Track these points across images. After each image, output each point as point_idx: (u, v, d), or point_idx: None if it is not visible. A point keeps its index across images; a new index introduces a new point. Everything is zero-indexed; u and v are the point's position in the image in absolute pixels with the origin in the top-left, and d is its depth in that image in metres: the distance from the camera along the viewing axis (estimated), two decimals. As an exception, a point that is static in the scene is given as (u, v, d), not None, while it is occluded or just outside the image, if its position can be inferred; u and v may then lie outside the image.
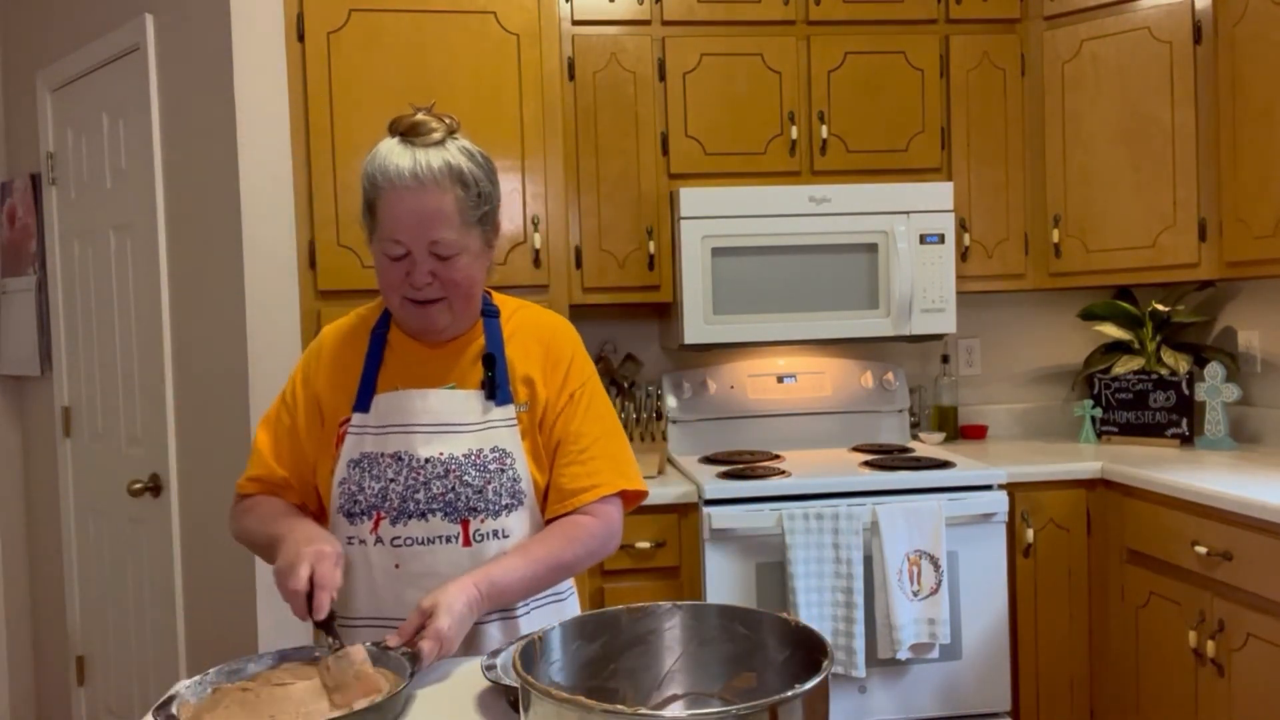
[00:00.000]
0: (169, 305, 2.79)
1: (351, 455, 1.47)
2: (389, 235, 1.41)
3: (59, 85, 3.18)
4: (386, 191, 1.40)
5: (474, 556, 1.44)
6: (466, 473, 1.45)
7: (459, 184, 1.41)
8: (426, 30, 2.60)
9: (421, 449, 1.46)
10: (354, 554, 1.47)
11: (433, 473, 1.45)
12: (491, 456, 1.47)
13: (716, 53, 2.97)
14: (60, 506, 3.28)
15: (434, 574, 1.43)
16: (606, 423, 1.56)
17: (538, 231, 2.65)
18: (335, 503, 1.48)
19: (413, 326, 1.49)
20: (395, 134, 1.44)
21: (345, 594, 1.46)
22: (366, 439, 1.47)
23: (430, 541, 1.44)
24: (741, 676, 1.06)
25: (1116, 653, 2.76)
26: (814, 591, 2.56)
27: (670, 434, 3.18)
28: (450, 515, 1.45)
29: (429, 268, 1.42)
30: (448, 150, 1.42)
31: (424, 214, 1.39)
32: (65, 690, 3.34)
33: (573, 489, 1.50)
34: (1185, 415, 3.05)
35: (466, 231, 1.43)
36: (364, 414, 1.48)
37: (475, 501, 1.45)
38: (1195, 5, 2.83)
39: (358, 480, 1.46)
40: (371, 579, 1.46)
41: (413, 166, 1.39)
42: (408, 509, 1.45)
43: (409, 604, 1.41)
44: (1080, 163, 3.02)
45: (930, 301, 2.95)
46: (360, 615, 1.47)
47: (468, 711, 1.21)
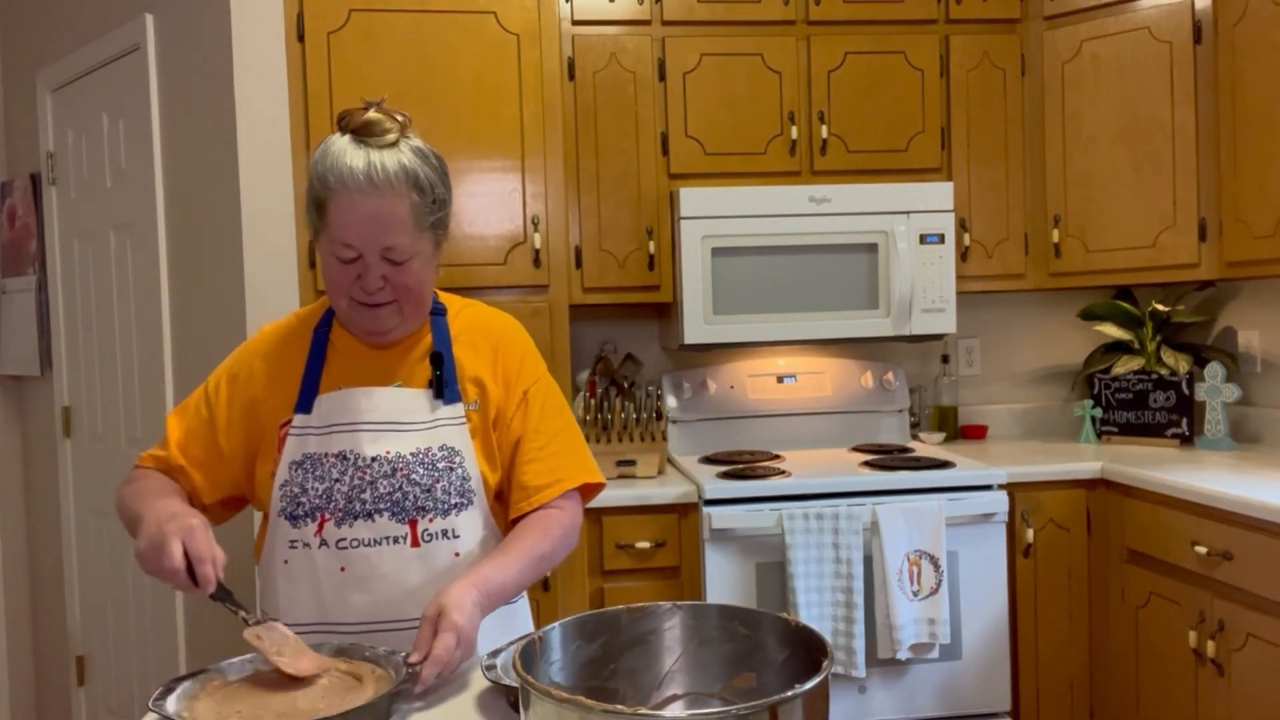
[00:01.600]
0: (169, 305, 2.79)
1: (293, 457, 1.43)
2: (340, 238, 1.36)
3: (59, 85, 3.18)
4: (339, 193, 1.35)
5: (422, 557, 1.42)
6: (414, 471, 1.42)
7: (414, 188, 1.38)
8: (426, 30, 2.60)
9: (367, 447, 1.42)
10: (298, 558, 1.43)
11: (379, 471, 1.42)
12: (440, 455, 1.44)
13: (716, 53, 2.97)
14: (60, 506, 3.28)
15: (380, 576, 1.41)
16: (562, 418, 1.55)
17: (538, 231, 2.65)
18: (276, 506, 1.44)
19: (361, 328, 1.46)
20: (346, 131, 1.39)
21: (289, 599, 1.44)
22: (309, 439, 1.44)
23: (377, 543, 1.41)
24: (741, 676, 1.06)
25: (1116, 653, 2.76)
26: (814, 591, 2.56)
27: (670, 434, 3.18)
28: (398, 515, 1.41)
29: (381, 272, 1.38)
30: (402, 152, 1.38)
31: (379, 219, 1.35)
32: (65, 690, 3.34)
33: (538, 485, 1.49)
34: (1185, 415, 3.05)
35: (420, 236, 1.39)
36: (306, 414, 1.44)
37: (423, 500, 1.42)
38: (1195, 5, 2.83)
39: (300, 482, 1.43)
40: (317, 583, 1.42)
41: (367, 169, 1.34)
42: (353, 509, 1.41)
43: (355, 608, 1.41)
44: (1080, 163, 3.02)
45: (930, 301, 2.95)
46: (306, 621, 1.43)
47: (468, 711, 1.21)
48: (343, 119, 1.40)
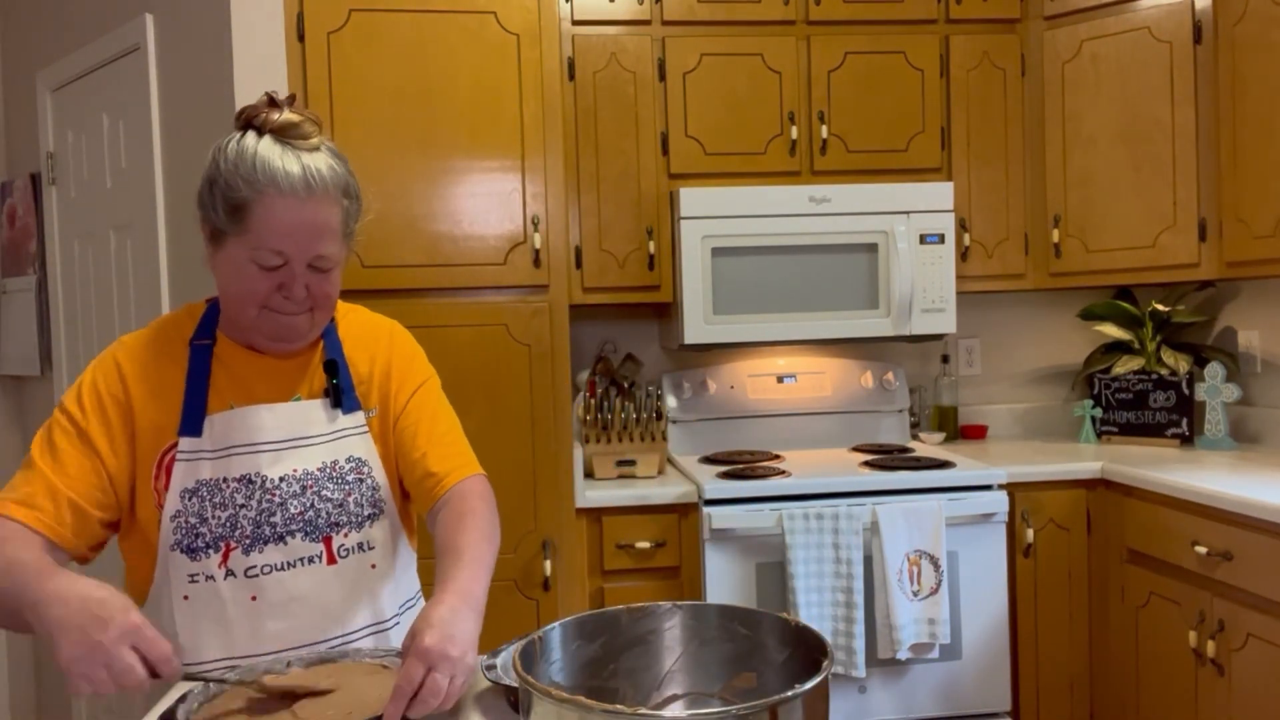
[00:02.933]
0: (169, 305, 2.79)
1: (185, 485, 1.32)
2: (269, 245, 1.26)
3: (59, 85, 3.18)
4: (270, 198, 1.25)
5: (339, 574, 1.37)
6: (325, 487, 1.37)
7: (344, 195, 1.32)
8: (426, 30, 2.60)
9: (271, 468, 1.34)
10: (199, 592, 1.33)
11: (289, 491, 1.35)
12: (348, 467, 1.39)
13: (716, 53, 2.97)
14: (60, 506, 3.28)
15: (297, 599, 1.35)
16: (452, 418, 1.50)
17: (538, 231, 2.65)
18: (168, 539, 1.32)
19: (271, 336, 1.35)
20: (262, 130, 1.30)
21: (192, 637, 1.33)
22: (203, 464, 1.33)
23: (291, 566, 1.35)
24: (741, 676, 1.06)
25: (1116, 653, 2.76)
26: (814, 591, 2.56)
27: (670, 434, 3.18)
28: (311, 534, 1.36)
29: (305, 281, 1.31)
30: (327, 156, 1.31)
31: (314, 227, 1.28)
32: (65, 690, 3.34)
33: (445, 469, 1.42)
34: (1185, 415, 3.05)
35: (344, 244, 1.34)
36: (195, 438, 1.33)
37: (336, 516, 1.37)
38: (1195, 5, 2.83)
39: (197, 511, 1.32)
40: (224, 616, 1.33)
41: (303, 174, 1.27)
42: (263, 534, 1.33)
43: (269, 636, 1.33)
44: (1080, 163, 3.02)
45: (930, 301, 2.95)
46: (211, 659, 1.33)
47: (468, 711, 1.21)
48: (254, 117, 1.31)
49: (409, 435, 1.44)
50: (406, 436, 1.44)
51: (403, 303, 2.56)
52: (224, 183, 1.28)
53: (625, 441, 2.86)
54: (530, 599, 2.55)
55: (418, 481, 1.43)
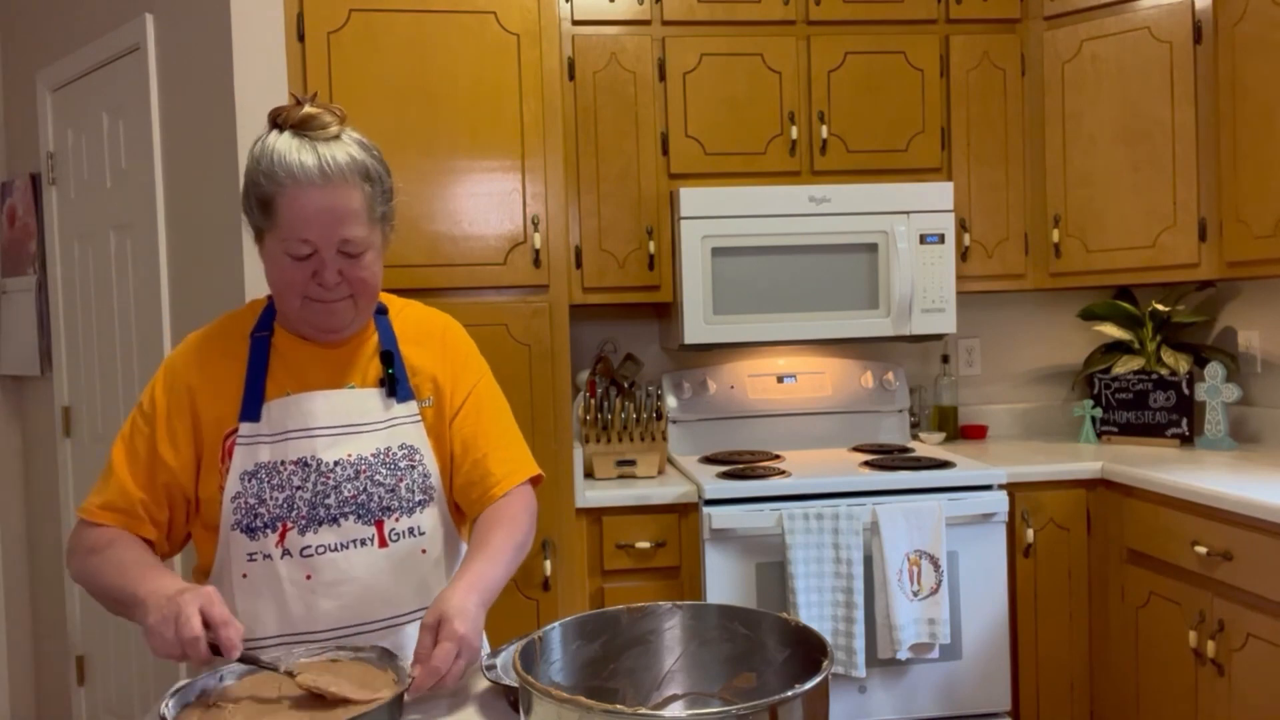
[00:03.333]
0: (169, 305, 2.79)
1: (245, 467, 1.39)
2: (296, 235, 1.34)
3: (59, 85, 3.18)
4: (290, 189, 1.32)
5: (390, 557, 1.42)
6: (377, 472, 1.42)
7: (365, 179, 1.37)
8: (426, 30, 2.60)
9: (327, 452, 1.41)
10: (257, 570, 1.39)
11: (343, 475, 1.40)
12: (400, 454, 1.44)
13: (716, 53, 2.97)
14: (60, 506, 3.28)
15: (350, 580, 1.39)
16: (508, 413, 1.57)
17: (538, 231, 2.65)
18: (229, 519, 1.39)
19: (316, 326, 1.42)
20: (283, 128, 1.36)
21: (250, 614, 1.39)
22: (261, 448, 1.40)
23: (344, 547, 1.40)
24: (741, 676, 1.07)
25: (1116, 653, 2.76)
26: (814, 591, 2.56)
27: (670, 434, 3.18)
28: (364, 517, 1.41)
29: (337, 267, 1.37)
30: (347, 144, 1.37)
31: (334, 212, 1.34)
32: (65, 690, 3.34)
33: (501, 474, 1.49)
34: (1185, 415, 3.05)
35: (373, 228, 1.39)
36: (254, 423, 1.41)
37: (389, 501, 1.42)
38: (1195, 5, 2.83)
39: (255, 492, 1.39)
40: (280, 594, 1.39)
41: (318, 163, 1.32)
42: (318, 515, 1.39)
43: (323, 615, 1.39)
44: (1080, 163, 3.02)
45: (930, 301, 2.95)
46: (269, 635, 1.39)
47: (468, 711, 1.21)
48: (277, 116, 1.37)
49: (468, 435, 1.50)
50: (465, 436, 1.50)
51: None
52: (252, 181, 1.36)
53: (625, 441, 2.86)
54: (530, 599, 2.55)
55: (475, 481, 1.49)
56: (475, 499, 1.49)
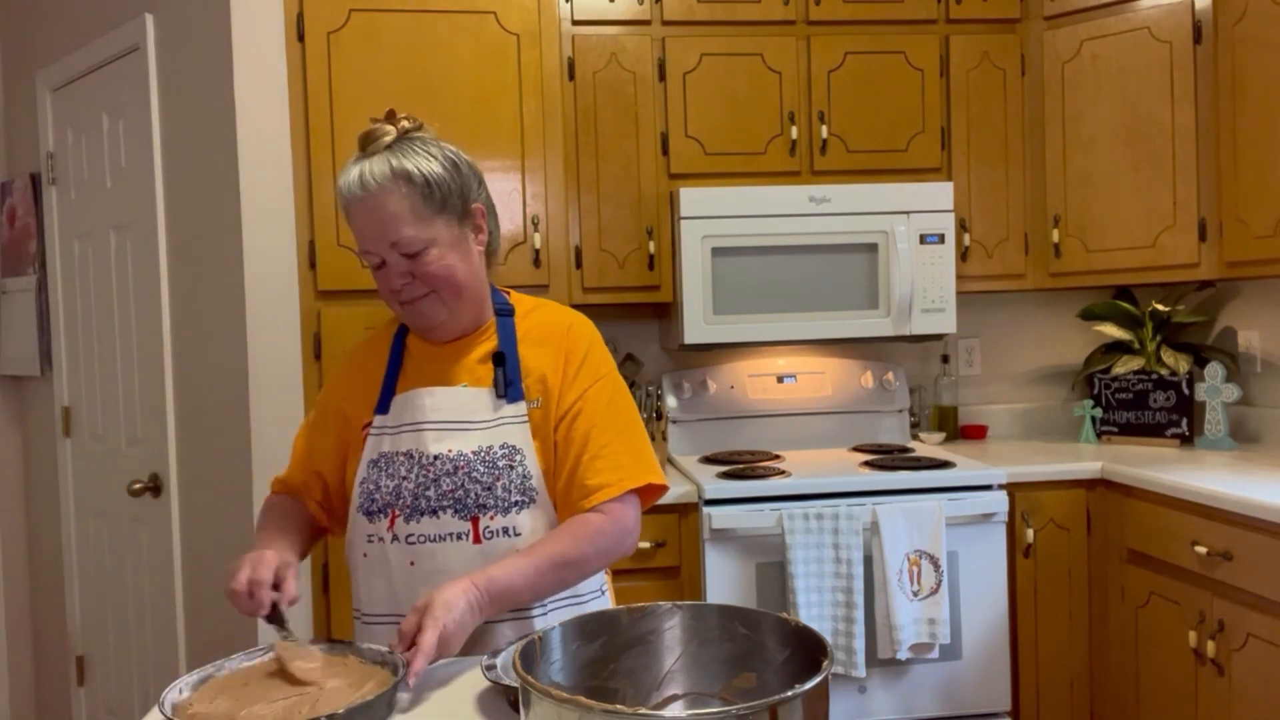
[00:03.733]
0: (169, 305, 2.79)
1: (371, 455, 1.51)
2: (360, 248, 1.46)
3: (59, 85, 3.18)
4: (348, 207, 1.44)
5: (484, 554, 1.44)
6: (475, 469, 1.46)
7: (404, 181, 1.42)
8: (426, 30, 2.60)
9: (432, 446, 1.47)
10: (374, 552, 1.49)
11: (442, 469, 1.46)
12: (501, 453, 1.47)
13: (716, 53, 2.97)
14: (60, 506, 3.28)
15: (446, 571, 1.43)
16: (626, 416, 1.53)
17: (538, 231, 2.65)
18: (356, 502, 1.51)
19: (414, 326, 1.52)
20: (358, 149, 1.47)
21: (367, 592, 1.51)
22: (384, 439, 1.51)
23: (441, 539, 1.45)
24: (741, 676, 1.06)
25: (1116, 653, 2.76)
26: (814, 591, 2.56)
27: (670, 434, 3.18)
28: (460, 512, 1.45)
29: (402, 268, 1.44)
30: (394, 152, 1.44)
31: (377, 219, 1.42)
32: (65, 690, 3.34)
33: (597, 484, 1.46)
34: (1185, 415, 3.05)
35: (427, 224, 1.44)
36: (384, 415, 1.52)
37: (484, 498, 1.45)
38: (1195, 5, 2.83)
39: (375, 479, 1.49)
40: (390, 576, 1.48)
41: (358, 177, 1.42)
42: (420, 506, 1.46)
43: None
44: (1080, 163, 3.02)
45: (930, 301, 2.95)
46: (381, 612, 1.50)
47: (468, 711, 1.21)
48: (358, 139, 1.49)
49: (574, 439, 1.49)
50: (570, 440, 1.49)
51: (403, 303, 2.56)
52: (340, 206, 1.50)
53: (625, 441, 2.85)
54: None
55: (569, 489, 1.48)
56: (569, 508, 1.48)
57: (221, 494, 2.64)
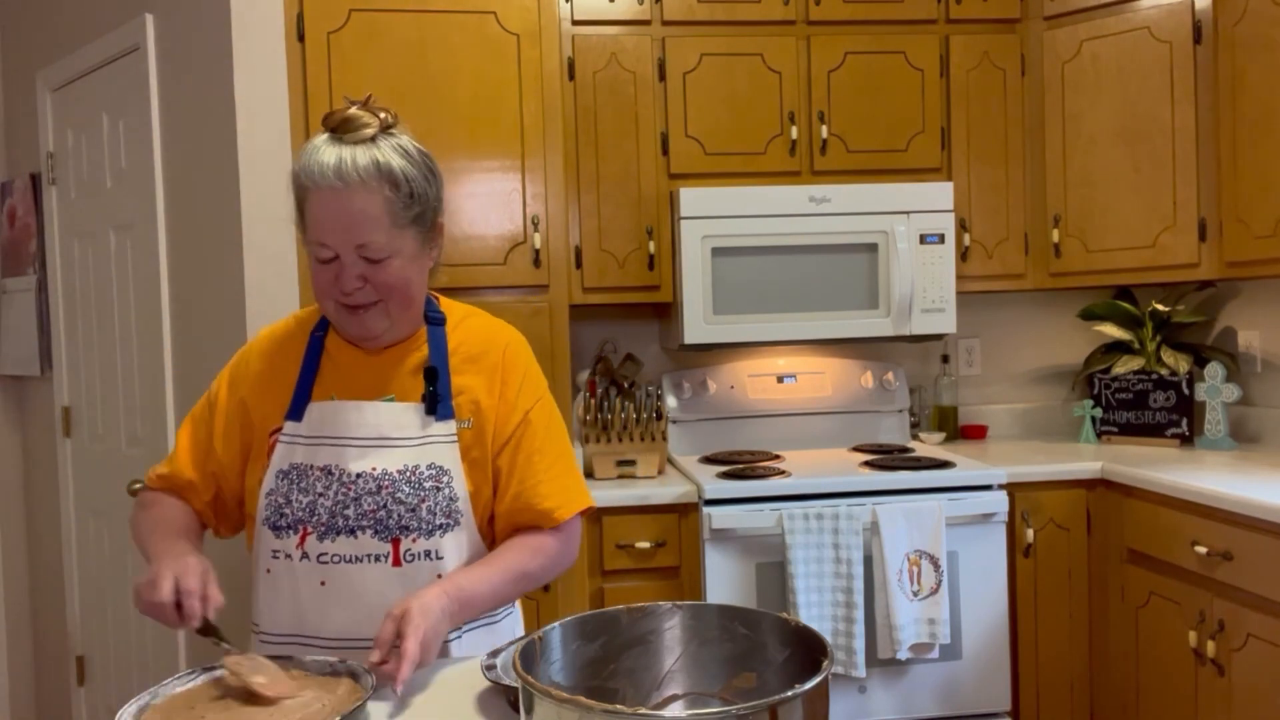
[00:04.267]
0: (169, 305, 2.79)
1: (280, 465, 1.41)
2: (316, 238, 1.34)
3: (59, 85, 3.18)
4: (311, 191, 1.32)
5: (403, 577, 1.38)
6: (400, 489, 1.38)
7: (388, 183, 1.33)
8: (426, 30, 2.60)
9: (353, 463, 1.39)
10: (279, 569, 1.40)
11: (364, 488, 1.38)
12: (428, 474, 1.40)
13: (716, 53, 2.97)
14: (60, 506, 3.28)
15: (361, 593, 1.37)
16: (563, 440, 1.52)
17: (538, 231, 2.65)
18: (261, 514, 1.41)
19: (349, 332, 1.42)
20: (327, 129, 1.35)
21: (269, 610, 1.42)
22: (297, 449, 1.41)
23: (359, 560, 1.37)
24: (741, 676, 1.06)
25: (1116, 653, 2.76)
26: (814, 591, 2.56)
27: (670, 434, 3.18)
28: (380, 533, 1.38)
29: (358, 271, 1.34)
30: (378, 148, 1.34)
31: (350, 216, 1.31)
32: (65, 690, 3.34)
33: (547, 507, 1.45)
34: (1185, 415, 3.05)
35: (398, 233, 1.35)
36: (296, 423, 1.42)
37: (407, 520, 1.38)
38: (1195, 5, 2.83)
39: (285, 492, 1.40)
40: (297, 595, 1.40)
41: (337, 165, 1.31)
42: (336, 525, 1.38)
43: (335, 623, 1.38)
44: (1080, 163, 3.02)
45: (930, 301, 2.95)
46: (283, 632, 1.41)
47: (468, 711, 1.21)
48: (326, 118, 1.37)
49: (518, 464, 1.46)
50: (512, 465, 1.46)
51: (403, 303, 2.55)
52: (292, 182, 1.37)
53: (625, 441, 2.86)
54: (530, 599, 2.55)
55: (521, 510, 1.45)
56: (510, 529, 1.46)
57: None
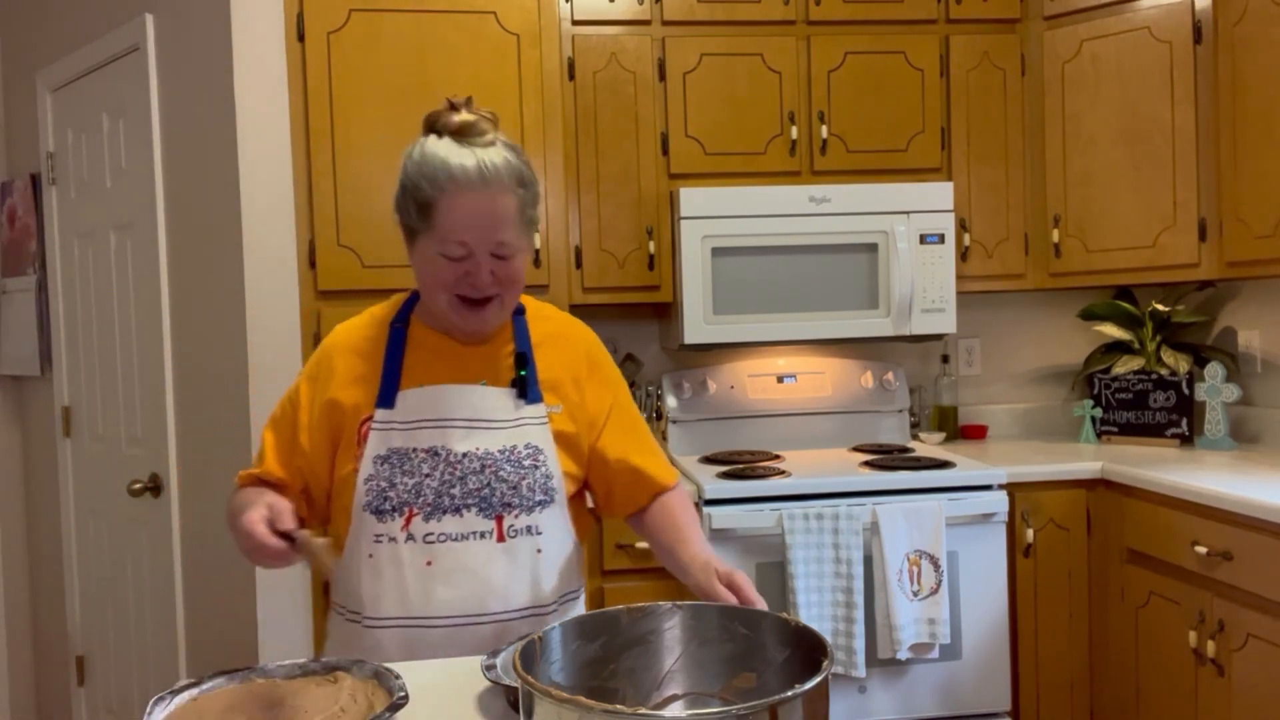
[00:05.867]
0: (169, 305, 2.79)
1: (378, 451, 1.46)
2: (453, 237, 1.40)
3: (59, 85, 3.18)
4: (451, 193, 1.38)
5: (507, 552, 1.46)
6: (502, 468, 1.46)
7: (519, 184, 1.42)
8: (426, 30, 2.60)
9: (458, 444, 1.46)
10: (382, 553, 1.45)
11: (469, 468, 1.45)
12: (525, 453, 1.48)
13: (716, 53, 2.97)
14: (60, 506, 3.28)
15: (466, 570, 1.44)
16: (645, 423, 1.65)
17: (537, 231, 2.65)
18: (361, 500, 1.46)
19: (466, 326, 1.48)
20: (442, 133, 1.42)
21: (373, 595, 1.46)
22: (394, 434, 1.46)
23: (464, 537, 1.45)
24: (741, 676, 1.07)
25: (1116, 653, 2.76)
26: (814, 591, 2.56)
27: (670, 434, 3.18)
28: (485, 511, 1.45)
29: (490, 268, 1.42)
30: (502, 150, 1.42)
31: (491, 216, 1.39)
32: (65, 690, 3.34)
33: (659, 474, 1.58)
34: (1185, 415, 3.05)
35: (524, 230, 1.44)
36: (388, 409, 1.47)
37: (509, 497, 1.46)
38: (1195, 5, 2.83)
39: (387, 476, 1.45)
40: (401, 577, 1.45)
41: (478, 167, 1.38)
42: (442, 504, 1.44)
43: (440, 602, 1.44)
44: (1080, 163, 3.02)
45: (930, 301, 2.95)
46: (389, 615, 1.45)
47: (468, 711, 1.21)
48: (435, 121, 1.43)
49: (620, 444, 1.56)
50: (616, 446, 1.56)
51: (403, 303, 2.55)
52: (412, 185, 1.41)
53: (625, 441, 2.85)
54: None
55: (630, 483, 1.56)
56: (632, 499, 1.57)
57: (221, 494, 2.64)
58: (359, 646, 1.46)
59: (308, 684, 1.23)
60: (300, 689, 1.21)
